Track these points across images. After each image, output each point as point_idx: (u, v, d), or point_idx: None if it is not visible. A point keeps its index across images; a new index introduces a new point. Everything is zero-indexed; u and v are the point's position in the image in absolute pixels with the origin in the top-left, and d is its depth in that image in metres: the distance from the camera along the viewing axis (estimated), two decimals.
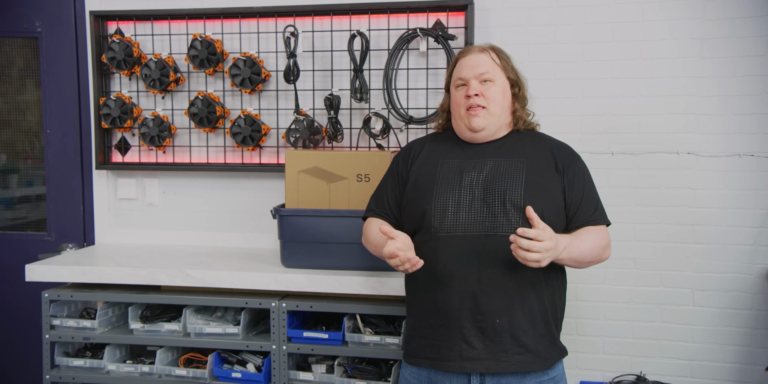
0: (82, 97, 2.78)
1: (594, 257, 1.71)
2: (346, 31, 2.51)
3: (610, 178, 2.42)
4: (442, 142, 1.85)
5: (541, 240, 1.49)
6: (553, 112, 2.44)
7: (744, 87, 2.32)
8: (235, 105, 2.64)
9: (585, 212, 1.73)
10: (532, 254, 1.49)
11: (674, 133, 2.38)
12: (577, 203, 1.72)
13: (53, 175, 2.84)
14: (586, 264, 1.72)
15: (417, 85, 2.50)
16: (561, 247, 1.56)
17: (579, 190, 1.74)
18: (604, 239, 1.72)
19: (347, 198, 2.20)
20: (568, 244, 1.60)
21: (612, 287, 2.46)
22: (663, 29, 2.36)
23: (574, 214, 1.72)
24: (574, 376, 2.46)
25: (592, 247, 1.67)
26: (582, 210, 1.72)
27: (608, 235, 1.75)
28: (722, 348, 2.39)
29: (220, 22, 2.61)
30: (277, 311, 2.13)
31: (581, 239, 1.66)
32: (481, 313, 1.63)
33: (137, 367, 2.23)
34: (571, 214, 1.72)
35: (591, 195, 1.76)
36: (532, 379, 1.66)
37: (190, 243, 2.71)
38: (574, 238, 1.64)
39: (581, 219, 1.72)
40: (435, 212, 1.70)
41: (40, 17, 2.79)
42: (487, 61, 1.77)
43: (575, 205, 1.72)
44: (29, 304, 2.77)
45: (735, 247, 2.37)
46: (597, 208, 1.75)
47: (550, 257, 1.53)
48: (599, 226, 1.73)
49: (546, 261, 1.52)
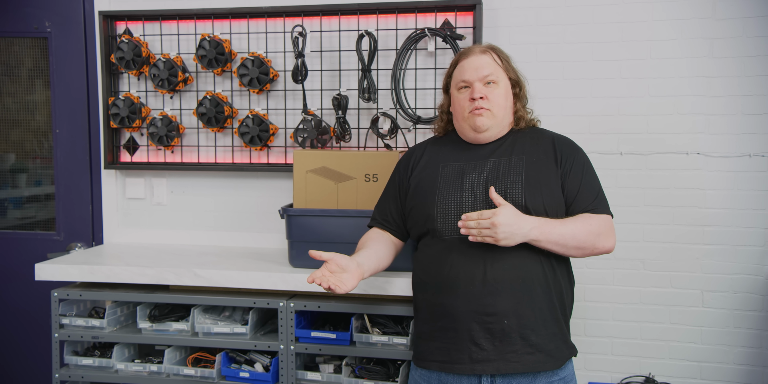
0: (91, 97, 2.79)
1: (582, 243, 1.64)
2: (354, 31, 2.51)
3: (618, 178, 2.41)
4: (443, 146, 1.85)
5: (487, 217, 1.55)
6: (561, 113, 2.43)
7: (754, 87, 2.31)
8: (243, 105, 2.64)
9: (583, 201, 1.70)
10: (484, 230, 1.56)
11: (683, 134, 2.37)
12: (574, 192, 1.70)
13: (62, 174, 2.85)
14: (576, 250, 1.65)
15: (425, 85, 2.50)
16: (526, 225, 1.58)
17: (576, 180, 1.71)
18: (597, 226, 1.66)
19: (355, 198, 2.19)
20: (538, 224, 1.59)
21: (620, 288, 2.45)
22: (672, 29, 2.35)
23: (572, 204, 1.70)
24: (582, 377, 2.45)
25: (576, 231, 1.63)
26: (580, 199, 1.70)
27: (607, 224, 1.69)
28: (732, 350, 2.38)
29: (228, 22, 2.61)
30: (285, 311, 2.13)
31: (562, 222, 1.63)
32: (488, 315, 1.62)
33: (146, 366, 2.24)
34: (569, 204, 1.70)
35: (590, 184, 1.73)
36: (542, 379, 1.66)
37: (198, 242, 2.72)
38: (549, 220, 1.62)
39: (580, 208, 1.69)
40: (438, 216, 1.70)
41: (50, 17, 2.80)
42: (489, 63, 1.76)
43: (572, 195, 1.70)
44: (39, 303, 2.79)
45: (745, 248, 2.35)
46: (597, 197, 1.72)
47: (511, 234, 1.56)
48: (598, 215, 1.69)
49: (508, 238, 1.56)
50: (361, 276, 1.67)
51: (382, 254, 1.80)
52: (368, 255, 1.75)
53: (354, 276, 1.64)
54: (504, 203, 1.60)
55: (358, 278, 1.66)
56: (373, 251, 1.78)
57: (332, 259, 1.64)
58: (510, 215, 1.57)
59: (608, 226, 1.70)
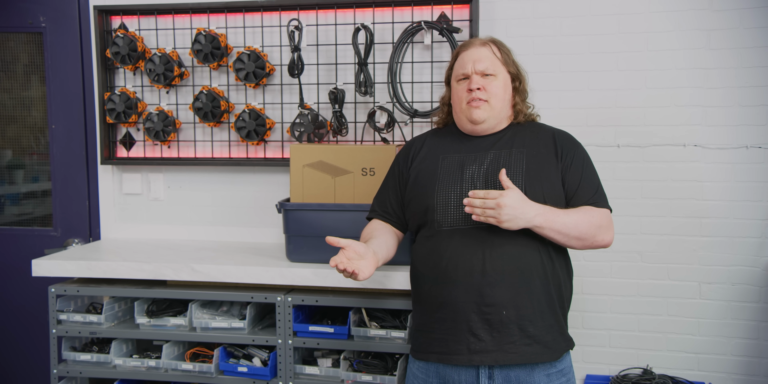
0: (87, 93, 2.78)
1: (584, 234, 1.65)
2: (351, 25, 2.50)
3: (616, 170, 2.41)
4: (443, 137, 1.85)
5: (494, 197, 1.55)
6: (558, 105, 2.42)
7: (751, 78, 2.30)
8: (240, 99, 2.63)
9: (583, 195, 1.71)
10: (488, 210, 1.55)
11: (680, 126, 2.37)
12: (575, 187, 1.71)
13: (59, 170, 2.84)
14: (577, 241, 1.65)
15: (422, 79, 2.49)
16: (531, 210, 1.57)
17: (577, 174, 1.72)
18: (598, 218, 1.68)
19: (352, 192, 2.19)
20: (543, 211, 1.59)
21: (618, 280, 2.45)
22: (669, 21, 2.34)
23: (572, 198, 1.71)
24: (580, 369, 2.46)
25: (578, 222, 1.64)
26: (580, 193, 1.71)
27: (606, 218, 1.71)
28: (729, 341, 2.39)
29: (224, 17, 2.60)
30: (282, 305, 2.13)
31: (565, 211, 1.64)
32: (487, 305, 1.62)
33: (144, 361, 2.24)
34: (569, 198, 1.71)
35: (590, 179, 1.74)
36: (540, 371, 1.66)
37: (196, 237, 2.72)
38: (553, 208, 1.63)
39: (580, 202, 1.70)
40: (437, 207, 1.70)
41: (45, 12, 2.78)
42: (488, 56, 1.77)
43: (572, 189, 1.71)
44: (36, 299, 2.78)
45: (742, 239, 2.35)
46: (597, 191, 1.73)
47: (515, 217, 1.56)
48: (599, 208, 1.71)
49: (510, 221, 1.56)
50: (376, 264, 1.66)
51: (390, 244, 1.80)
52: (379, 244, 1.74)
53: (371, 264, 1.63)
54: (512, 186, 1.59)
55: (375, 266, 1.64)
56: (383, 241, 1.78)
57: (350, 246, 1.61)
58: (517, 198, 1.57)
59: (608, 219, 1.72)
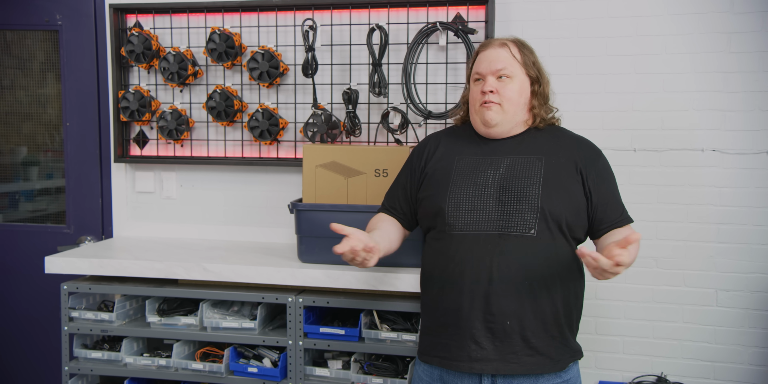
0: (101, 90, 2.79)
1: None
2: (365, 25, 2.49)
3: (632, 175, 2.38)
4: (459, 138, 1.83)
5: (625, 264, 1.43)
6: (574, 108, 2.40)
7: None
8: (253, 99, 2.63)
9: (613, 214, 1.69)
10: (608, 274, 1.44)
11: (699, 130, 2.33)
12: (604, 204, 1.69)
13: (72, 167, 2.85)
14: None
15: (436, 80, 2.47)
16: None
17: (605, 191, 1.70)
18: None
19: (365, 193, 2.18)
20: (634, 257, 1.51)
21: (632, 286, 2.42)
22: (689, 23, 2.31)
23: (603, 216, 1.68)
24: (593, 375, 2.43)
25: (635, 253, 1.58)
26: (609, 212, 1.69)
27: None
28: (746, 350, 2.35)
29: (238, 16, 2.60)
30: (293, 306, 2.13)
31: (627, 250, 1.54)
32: (491, 314, 1.60)
33: (154, 360, 2.24)
34: (599, 215, 1.68)
35: (615, 194, 1.73)
36: (545, 381, 1.64)
37: (207, 237, 2.72)
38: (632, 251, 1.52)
39: (609, 220, 1.69)
40: (449, 210, 1.68)
41: (61, 10, 2.80)
42: (505, 57, 1.73)
43: (602, 206, 1.69)
44: (48, 295, 2.79)
45: (761, 246, 2.31)
46: (623, 210, 1.73)
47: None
48: (627, 227, 1.70)
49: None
50: (378, 254, 1.65)
51: (393, 237, 1.80)
52: (381, 235, 1.74)
53: (374, 254, 1.62)
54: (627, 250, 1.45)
55: (377, 256, 1.64)
56: (386, 233, 1.77)
57: (354, 235, 1.60)
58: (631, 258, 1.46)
59: None
